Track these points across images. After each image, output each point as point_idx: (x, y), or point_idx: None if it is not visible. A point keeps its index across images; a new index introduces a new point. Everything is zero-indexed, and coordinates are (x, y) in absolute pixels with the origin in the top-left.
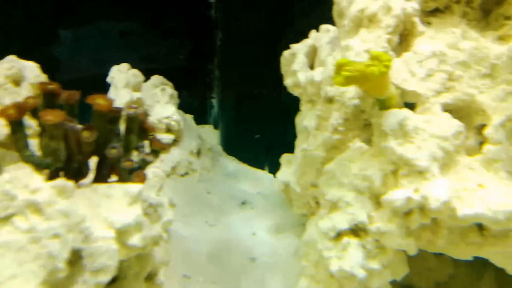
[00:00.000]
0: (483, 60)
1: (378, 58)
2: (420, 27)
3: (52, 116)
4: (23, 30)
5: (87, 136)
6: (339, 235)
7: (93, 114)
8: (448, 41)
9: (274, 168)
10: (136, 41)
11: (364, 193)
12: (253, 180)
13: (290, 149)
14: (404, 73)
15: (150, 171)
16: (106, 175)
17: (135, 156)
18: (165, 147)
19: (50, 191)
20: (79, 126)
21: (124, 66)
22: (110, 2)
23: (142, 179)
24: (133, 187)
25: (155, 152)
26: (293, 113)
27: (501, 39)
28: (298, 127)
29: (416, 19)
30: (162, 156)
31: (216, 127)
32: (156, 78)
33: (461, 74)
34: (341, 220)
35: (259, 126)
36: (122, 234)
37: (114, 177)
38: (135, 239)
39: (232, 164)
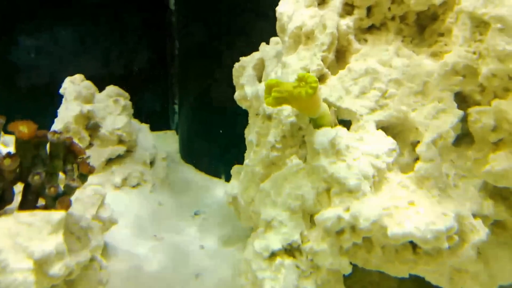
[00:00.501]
0: (415, 77)
1: (304, 80)
2: (356, 44)
3: None
4: None
5: (8, 164)
6: (272, 255)
7: (15, 141)
8: (381, 59)
9: (230, 176)
10: (97, 47)
11: (297, 212)
12: (208, 189)
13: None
14: (339, 90)
15: (90, 188)
16: (31, 202)
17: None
18: (92, 170)
19: None
20: (1, 154)
21: (77, 77)
22: (69, 8)
23: (66, 205)
24: (55, 215)
25: (83, 176)
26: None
27: (435, 55)
28: (246, 140)
29: (351, 37)
30: (113, 167)
31: (178, 132)
32: (111, 89)
33: (394, 92)
34: (274, 240)
35: (216, 134)
36: (42, 264)
37: (42, 202)
38: (56, 268)
39: (188, 172)
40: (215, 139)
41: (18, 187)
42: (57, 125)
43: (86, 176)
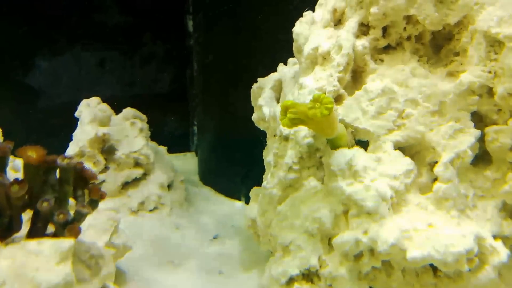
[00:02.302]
0: (431, 97)
1: (319, 101)
2: (372, 64)
3: None
4: None
5: (16, 190)
6: (290, 280)
7: (24, 167)
8: (397, 79)
9: (250, 199)
10: (117, 68)
11: (315, 235)
12: (228, 212)
13: None
14: (355, 111)
15: (104, 214)
16: (40, 229)
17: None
18: (104, 196)
19: None
20: (8, 180)
21: (94, 100)
22: (89, 30)
23: (76, 233)
24: (64, 243)
25: (94, 202)
26: None
27: (451, 74)
28: (264, 161)
29: (367, 57)
30: (130, 191)
31: (197, 154)
32: (127, 111)
33: (410, 112)
34: (292, 265)
35: (236, 156)
36: None
37: (52, 229)
38: None
39: (207, 195)
40: (234, 161)
41: (28, 214)
42: (72, 149)
43: (97, 201)
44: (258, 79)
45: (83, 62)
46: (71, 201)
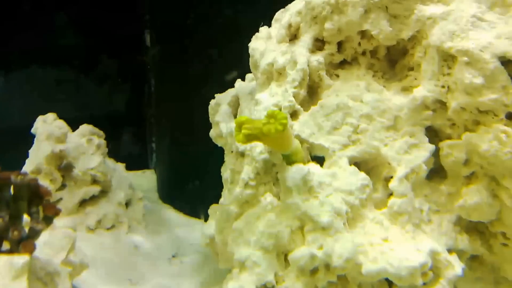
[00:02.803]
0: (386, 112)
1: (274, 116)
2: (327, 80)
3: None
4: None
5: None
6: None
7: None
8: (352, 94)
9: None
10: (73, 86)
11: (271, 251)
12: (187, 230)
13: None
14: (311, 126)
15: (61, 231)
16: None
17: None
18: (58, 212)
19: None
20: None
21: (50, 116)
22: (43, 49)
23: (31, 249)
24: (19, 259)
25: (48, 218)
26: None
27: (405, 89)
28: (222, 178)
29: (322, 73)
30: (87, 209)
31: (156, 172)
32: (84, 128)
33: (365, 127)
34: (248, 281)
35: (195, 173)
36: None
37: (7, 246)
38: None
39: (166, 213)
40: (193, 178)
41: None
42: (28, 166)
43: (52, 218)
44: (216, 95)
45: (38, 82)
46: (26, 217)
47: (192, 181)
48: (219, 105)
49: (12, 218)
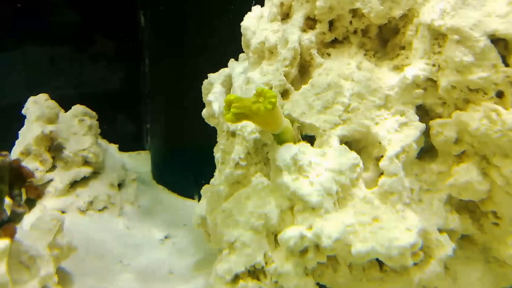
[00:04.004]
0: (377, 91)
1: (263, 95)
2: (318, 59)
3: None
4: None
5: None
6: (236, 278)
7: None
8: (344, 73)
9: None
10: (66, 66)
11: (260, 232)
12: (180, 211)
13: None
14: (302, 106)
15: (47, 213)
16: None
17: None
18: (41, 195)
19: None
20: None
21: (41, 96)
22: (38, 26)
23: (11, 233)
24: None
25: (31, 201)
26: None
27: (397, 68)
28: (215, 158)
29: (314, 51)
30: (78, 190)
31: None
32: (76, 108)
33: (356, 106)
34: (237, 262)
35: (188, 154)
36: None
37: None
38: None
39: (160, 194)
40: (187, 159)
41: None
42: (17, 147)
43: (35, 201)
44: (209, 74)
45: (31, 60)
46: (8, 200)
47: (186, 161)
48: (212, 85)
49: None
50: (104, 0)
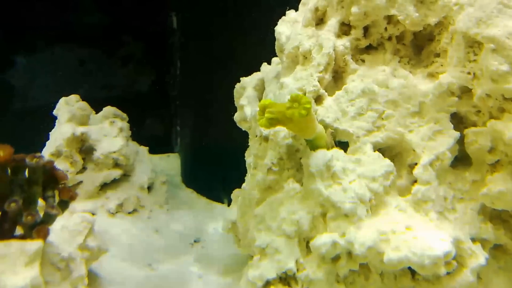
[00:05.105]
0: (411, 98)
1: (297, 101)
2: (352, 65)
3: None
4: None
5: None
6: (267, 284)
7: None
8: (378, 79)
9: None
10: (97, 68)
11: (292, 238)
12: (209, 214)
13: None
14: (335, 111)
15: (78, 215)
16: (7, 230)
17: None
18: (74, 197)
19: None
20: None
21: (72, 98)
22: (69, 29)
23: (44, 235)
24: (31, 245)
25: (64, 203)
26: None
27: (431, 75)
28: (246, 162)
29: (348, 57)
30: (108, 192)
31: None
32: (107, 110)
33: (390, 113)
34: (268, 268)
35: (218, 158)
36: None
37: (20, 231)
38: None
39: (190, 197)
40: (216, 163)
41: None
42: (48, 149)
43: (68, 203)
44: (241, 78)
45: (62, 62)
46: (41, 202)
47: (214, 165)
48: (244, 89)
49: (26, 202)
50: (135, 3)
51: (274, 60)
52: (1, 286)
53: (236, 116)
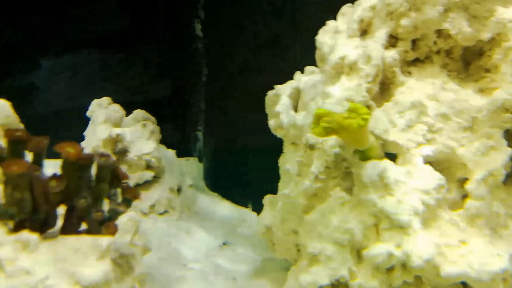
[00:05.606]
0: (463, 113)
1: (356, 111)
2: (401, 77)
3: (16, 167)
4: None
5: (54, 185)
6: None
7: (62, 163)
8: (428, 92)
9: (257, 205)
10: (116, 72)
11: (345, 246)
12: (235, 218)
13: (274, 187)
14: (384, 123)
15: (125, 214)
16: (74, 225)
17: (108, 204)
18: (137, 196)
19: (13, 245)
20: (46, 176)
21: (105, 100)
22: (92, 32)
23: (113, 231)
24: (103, 240)
25: (128, 201)
26: (277, 151)
27: (482, 91)
28: (281, 169)
29: (397, 69)
30: (141, 193)
31: (201, 160)
32: (137, 113)
33: (441, 126)
34: (322, 275)
35: (243, 163)
36: None
37: (84, 226)
38: None
39: (214, 201)
40: (241, 167)
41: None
42: (85, 149)
43: (131, 201)
44: (275, 86)
45: (80, 68)
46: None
47: (240, 170)
48: (279, 96)
49: (93, 199)
50: (158, 9)
51: (308, 68)
52: (76, 279)
53: (272, 123)
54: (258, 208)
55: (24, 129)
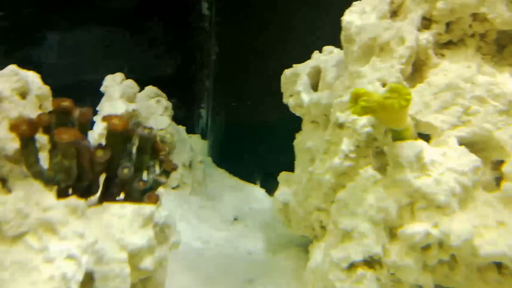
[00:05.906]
0: (499, 96)
1: (397, 91)
2: (434, 59)
3: (67, 135)
4: (5, 31)
5: (100, 155)
6: (352, 266)
7: (108, 134)
8: (463, 75)
9: (265, 182)
10: (123, 49)
11: (379, 224)
12: (244, 195)
13: (282, 164)
14: (418, 104)
15: None
16: (115, 194)
17: (147, 175)
18: (175, 168)
19: (63, 210)
20: (93, 145)
21: (118, 76)
22: (97, 8)
23: (155, 200)
24: (146, 209)
25: (166, 172)
26: (285, 128)
27: None
28: (298, 146)
29: (430, 51)
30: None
31: (203, 137)
32: (150, 89)
33: (477, 109)
34: (355, 251)
35: (251, 140)
36: (134, 256)
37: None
38: (148, 262)
39: (223, 177)
40: (249, 144)
41: None
42: (100, 124)
43: (169, 173)
44: (294, 65)
45: (88, 44)
46: None
47: (248, 147)
48: (298, 75)
49: (135, 169)
50: None
51: (326, 48)
52: (122, 244)
53: (291, 102)
54: (265, 185)
55: (70, 99)
